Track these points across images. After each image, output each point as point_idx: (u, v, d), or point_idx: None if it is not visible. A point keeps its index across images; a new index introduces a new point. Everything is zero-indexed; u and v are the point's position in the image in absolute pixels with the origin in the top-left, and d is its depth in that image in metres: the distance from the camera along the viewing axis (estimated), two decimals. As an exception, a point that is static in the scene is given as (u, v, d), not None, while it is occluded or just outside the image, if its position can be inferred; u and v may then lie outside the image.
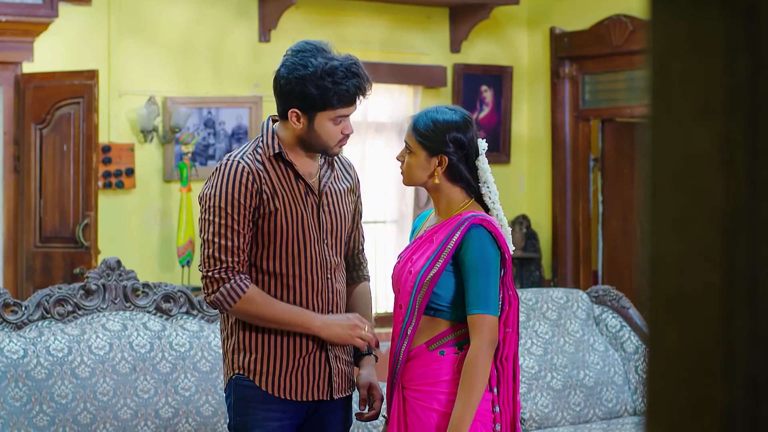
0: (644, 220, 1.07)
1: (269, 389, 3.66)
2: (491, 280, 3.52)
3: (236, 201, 3.61)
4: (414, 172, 3.66)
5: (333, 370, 3.72)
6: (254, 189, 3.62)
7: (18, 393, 4.64)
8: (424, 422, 3.56)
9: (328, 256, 3.71)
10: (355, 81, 3.62)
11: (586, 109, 9.61)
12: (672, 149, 1.04)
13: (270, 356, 3.67)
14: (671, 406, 1.05)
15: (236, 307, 3.61)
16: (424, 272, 3.56)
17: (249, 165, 3.64)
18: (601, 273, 9.56)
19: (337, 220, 3.75)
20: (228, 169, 3.64)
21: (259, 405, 3.67)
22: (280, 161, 3.69)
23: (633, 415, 5.78)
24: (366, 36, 9.08)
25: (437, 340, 3.59)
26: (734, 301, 1.02)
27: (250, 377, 3.67)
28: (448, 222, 3.61)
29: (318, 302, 3.69)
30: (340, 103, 3.62)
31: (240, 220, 3.61)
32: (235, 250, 3.60)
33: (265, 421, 3.66)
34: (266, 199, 3.64)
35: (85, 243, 7.68)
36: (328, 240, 3.72)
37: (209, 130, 8.40)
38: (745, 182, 1.01)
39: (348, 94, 3.62)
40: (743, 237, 1.02)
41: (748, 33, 1.01)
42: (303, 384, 3.69)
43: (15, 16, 7.73)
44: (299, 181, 3.70)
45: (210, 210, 3.63)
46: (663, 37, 1.05)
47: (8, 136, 7.85)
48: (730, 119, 1.01)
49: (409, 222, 9.20)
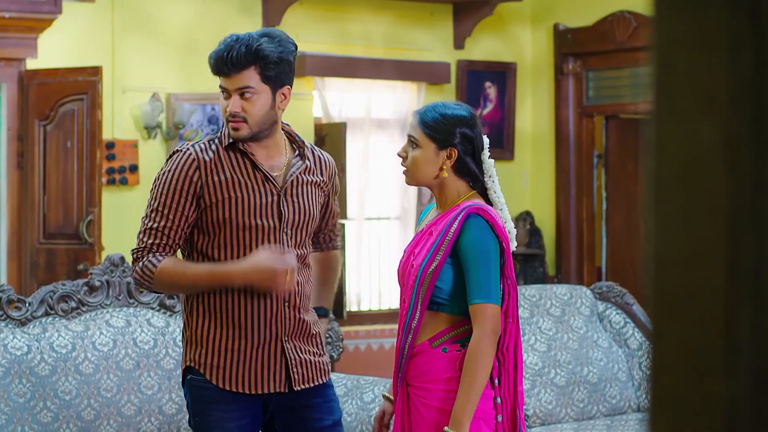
0: (648, 217, 1.07)
1: (220, 383, 3.61)
2: (491, 269, 3.51)
3: (173, 187, 3.61)
4: (420, 168, 3.63)
5: (290, 361, 3.66)
6: (196, 177, 3.61)
7: (22, 389, 4.64)
8: (426, 419, 3.56)
9: (287, 246, 3.65)
10: (219, 47, 3.62)
11: (590, 106, 9.60)
12: (676, 145, 1.04)
13: (220, 349, 3.63)
14: (675, 402, 1.05)
15: (155, 282, 3.60)
16: (425, 265, 3.55)
17: (197, 153, 3.64)
18: (604, 269, 9.56)
19: (300, 211, 3.70)
20: (176, 156, 3.66)
21: (215, 405, 3.63)
22: (237, 151, 3.66)
23: (637, 412, 5.77)
24: (369, 32, 9.08)
25: (440, 337, 3.58)
26: (738, 297, 1.02)
27: (200, 370, 3.63)
28: (446, 213, 3.61)
29: (273, 293, 3.65)
30: (212, 69, 3.64)
31: (171, 205, 3.60)
32: (156, 233, 3.60)
33: (223, 422, 3.62)
34: (213, 188, 3.61)
35: (88, 239, 7.68)
36: (287, 231, 3.67)
37: (213, 126, 8.40)
38: (749, 178, 1.01)
39: (211, 60, 3.63)
40: (747, 233, 1.01)
41: (753, 28, 1.00)
42: (256, 376, 3.63)
43: (19, 12, 7.73)
44: (257, 171, 3.66)
45: (151, 192, 3.67)
46: (667, 32, 1.04)
47: (12, 132, 7.86)
48: (735, 115, 1.01)
49: (412, 218, 9.21)
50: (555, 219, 9.73)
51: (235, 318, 3.63)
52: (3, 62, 7.81)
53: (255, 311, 3.64)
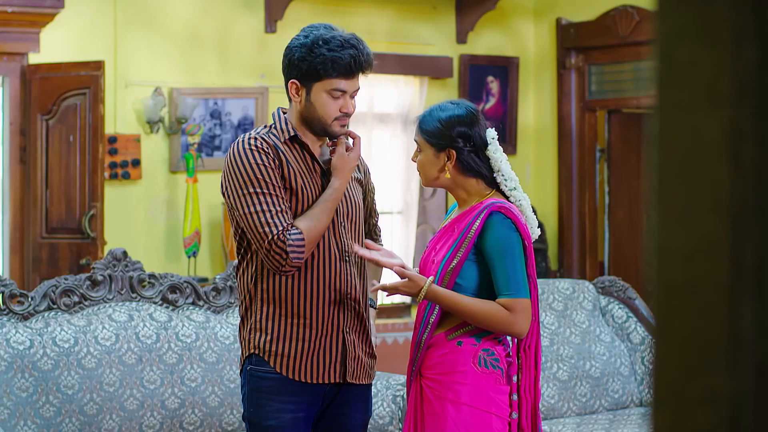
0: (651, 211, 1.07)
1: (284, 370, 3.64)
2: (517, 263, 3.53)
3: (263, 167, 3.57)
4: (425, 170, 3.70)
5: (348, 354, 3.70)
6: (275, 160, 3.61)
7: (24, 384, 4.64)
8: (438, 412, 3.57)
9: (346, 240, 3.71)
10: (351, 51, 3.62)
11: (593, 100, 9.60)
12: (679, 139, 1.04)
13: (285, 337, 3.66)
14: (678, 395, 1.05)
15: (307, 247, 3.58)
16: (446, 262, 3.58)
17: (266, 140, 3.63)
18: (607, 264, 9.56)
19: (352, 206, 3.76)
20: (244, 143, 3.62)
21: (273, 396, 3.66)
22: (296, 144, 3.69)
23: (639, 406, 5.77)
24: (372, 26, 9.07)
25: (456, 330, 3.60)
26: (741, 290, 1.02)
27: (265, 357, 3.65)
28: (468, 211, 3.64)
29: (336, 283, 3.68)
30: (334, 71, 3.61)
31: (273, 182, 3.58)
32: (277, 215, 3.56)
33: (279, 413, 3.65)
34: (287, 176, 3.63)
35: (91, 234, 7.69)
36: (345, 224, 3.72)
37: (215, 121, 8.40)
38: (752, 172, 1.01)
39: (342, 62, 3.60)
40: (750, 226, 1.01)
41: (756, 22, 1.00)
42: (317, 365, 3.67)
43: (21, 6, 7.73)
44: (315, 163, 3.70)
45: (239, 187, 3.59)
46: (670, 26, 1.04)
47: (14, 126, 7.85)
48: (738, 108, 1.01)
49: (415, 212, 9.21)
50: (557, 213, 9.72)
51: (300, 306, 3.66)
52: (5, 57, 7.81)
53: (318, 300, 3.67)
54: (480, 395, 3.54)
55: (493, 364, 3.57)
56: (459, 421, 3.53)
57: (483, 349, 3.57)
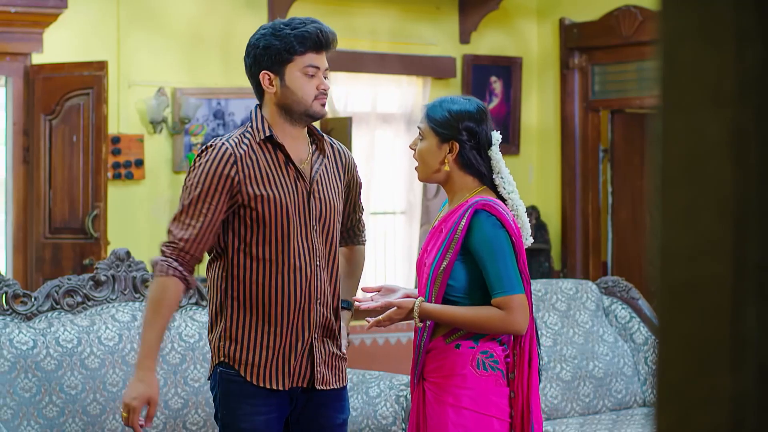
0: (654, 211, 1.07)
1: (254, 379, 3.64)
2: (508, 260, 3.51)
3: (208, 182, 3.59)
4: (424, 160, 3.66)
5: (316, 360, 3.69)
6: (233, 172, 3.60)
7: (27, 384, 4.65)
8: (439, 415, 3.56)
9: (317, 243, 3.67)
10: (314, 25, 3.64)
11: (596, 100, 9.59)
12: (682, 139, 1.04)
13: (254, 345, 3.65)
14: (681, 396, 1.05)
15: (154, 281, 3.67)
16: (436, 264, 3.56)
17: (233, 148, 3.62)
18: (610, 264, 9.56)
19: (326, 208, 3.71)
20: (210, 151, 3.64)
21: (243, 399, 3.66)
22: (270, 145, 3.66)
23: (643, 406, 5.77)
24: (375, 26, 9.07)
25: (454, 333, 3.59)
26: (744, 291, 1.02)
27: (234, 366, 3.65)
28: (454, 210, 3.62)
29: (306, 289, 3.66)
30: (302, 46, 3.61)
31: (206, 200, 3.59)
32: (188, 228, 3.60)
33: (252, 416, 3.65)
34: (248, 184, 3.61)
35: (94, 234, 7.69)
36: (317, 227, 3.68)
37: (218, 121, 8.41)
38: (755, 172, 1.01)
39: (309, 35, 3.61)
40: (753, 227, 1.01)
41: (759, 21, 1.00)
42: (284, 372, 3.66)
43: (24, 6, 7.73)
44: (289, 166, 3.67)
45: (184, 189, 3.66)
46: (673, 25, 1.04)
47: (18, 126, 7.86)
48: (741, 108, 1.01)
49: (418, 212, 9.21)
50: (560, 213, 9.72)
51: (269, 312, 3.65)
52: (9, 57, 7.81)
53: (288, 306, 3.65)
54: (480, 398, 3.53)
55: (492, 366, 3.56)
56: (460, 425, 3.52)
57: (482, 351, 3.56)
